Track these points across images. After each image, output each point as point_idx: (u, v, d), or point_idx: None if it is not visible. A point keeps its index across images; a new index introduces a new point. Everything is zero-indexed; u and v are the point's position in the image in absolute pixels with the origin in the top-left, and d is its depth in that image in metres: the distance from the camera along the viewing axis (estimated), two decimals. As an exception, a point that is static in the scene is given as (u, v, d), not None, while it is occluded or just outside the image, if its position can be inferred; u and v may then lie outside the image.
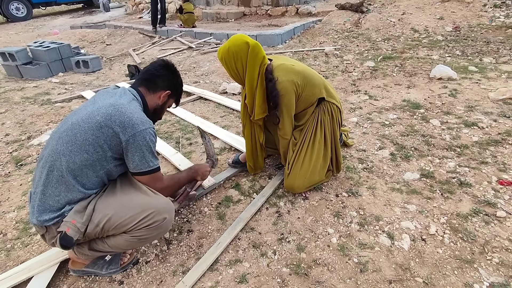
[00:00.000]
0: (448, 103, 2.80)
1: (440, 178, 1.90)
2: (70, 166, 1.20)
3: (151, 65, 1.49)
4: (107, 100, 1.29)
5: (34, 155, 2.49)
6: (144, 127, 1.26)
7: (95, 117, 1.22)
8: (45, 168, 1.22)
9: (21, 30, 9.50)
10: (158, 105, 1.48)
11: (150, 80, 1.44)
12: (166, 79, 1.47)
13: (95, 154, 1.22)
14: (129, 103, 1.30)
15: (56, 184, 1.21)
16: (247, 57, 1.56)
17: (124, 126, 1.22)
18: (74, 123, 1.24)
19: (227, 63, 1.61)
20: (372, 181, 1.91)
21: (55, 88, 4.09)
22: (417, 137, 2.33)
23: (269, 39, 5.24)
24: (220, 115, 2.92)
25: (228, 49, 1.57)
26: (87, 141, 1.21)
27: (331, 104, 1.77)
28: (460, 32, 4.94)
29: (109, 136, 1.21)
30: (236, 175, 2.06)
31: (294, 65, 1.66)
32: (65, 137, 1.23)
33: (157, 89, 1.44)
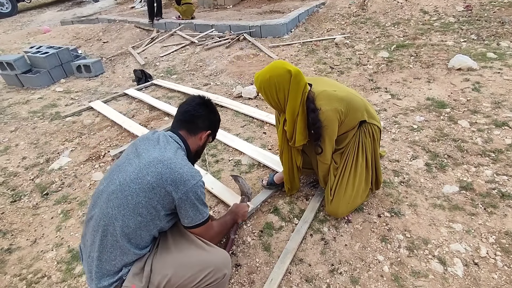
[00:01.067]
0: (474, 100, 2.74)
1: (480, 190, 1.89)
2: (124, 230, 1.16)
3: (189, 105, 1.41)
4: (152, 154, 1.23)
5: (57, 182, 2.44)
6: (195, 181, 1.21)
7: (145, 177, 1.17)
8: (98, 232, 1.17)
9: (8, 28, 9.11)
10: (200, 146, 1.44)
11: (191, 121, 1.39)
12: (206, 118, 1.42)
13: (149, 216, 1.18)
14: (176, 155, 1.25)
15: (111, 249, 1.17)
16: (289, 86, 1.49)
17: (176, 184, 1.17)
18: (123, 183, 1.18)
19: (267, 92, 1.53)
20: (412, 197, 1.89)
21: (61, 98, 3.96)
22: (449, 142, 2.30)
23: (274, 30, 5.05)
24: (241, 125, 2.85)
25: (268, 78, 1.48)
26: (140, 204, 1.16)
27: (372, 126, 1.71)
28: (472, 12, 4.78)
29: (161, 196, 1.17)
30: (272, 196, 2.04)
31: (336, 90, 1.58)
32: (115, 199, 1.17)
33: (198, 130, 1.40)
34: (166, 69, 4.55)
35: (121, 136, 2.92)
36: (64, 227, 2.01)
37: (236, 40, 5.03)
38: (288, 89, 1.50)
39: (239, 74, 3.93)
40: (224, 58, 4.52)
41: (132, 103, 3.59)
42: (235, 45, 4.92)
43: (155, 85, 4.00)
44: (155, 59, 4.96)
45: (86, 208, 2.13)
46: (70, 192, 2.31)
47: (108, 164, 2.54)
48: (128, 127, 2.93)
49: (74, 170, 2.55)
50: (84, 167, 2.57)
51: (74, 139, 2.98)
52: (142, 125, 3.03)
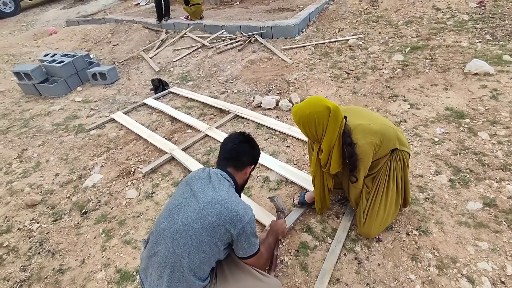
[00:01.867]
0: (492, 109, 2.80)
1: (503, 206, 1.98)
2: (190, 266, 1.28)
3: (233, 143, 1.54)
4: (208, 193, 1.35)
5: (93, 200, 2.56)
6: (248, 216, 1.34)
7: (206, 217, 1.29)
8: (166, 269, 1.29)
9: (14, 29, 9.10)
10: (245, 180, 1.60)
11: (237, 159, 1.52)
12: (250, 155, 1.57)
13: (211, 252, 1.30)
14: (229, 193, 1.37)
15: (177, 282, 1.29)
16: (328, 122, 1.57)
17: (234, 222, 1.30)
18: (185, 223, 1.30)
19: (305, 126, 1.61)
20: (438, 214, 2.00)
21: (81, 109, 4.05)
22: (470, 156, 2.38)
23: (285, 30, 5.05)
24: (264, 138, 2.94)
25: (308, 114, 1.56)
26: (203, 242, 1.28)
27: (403, 152, 1.79)
28: (485, 8, 4.75)
29: (221, 233, 1.30)
30: (303, 214, 2.15)
31: (371, 124, 1.66)
32: (180, 239, 1.29)
33: (243, 167, 1.54)
34: (180, 75, 4.60)
35: (148, 151, 3.03)
36: (109, 247, 2.14)
37: (248, 42, 5.05)
38: (327, 124, 1.58)
39: (255, 81, 3.98)
40: (237, 62, 4.56)
41: (152, 114, 3.67)
42: (247, 48, 4.94)
43: (172, 93, 4.07)
44: (168, 64, 5.00)
45: (126, 227, 2.26)
46: (108, 211, 2.43)
47: (141, 182, 2.66)
48: (154, 142, 3.03)
49: (107, 187, 2.66)
50: (117, 184, 2.69)
51: (102, 154, 3.09)
52: (167, 139, 3.12)
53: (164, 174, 2.70)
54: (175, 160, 2.80)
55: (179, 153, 2.81)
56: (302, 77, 3.90)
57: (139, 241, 2.14)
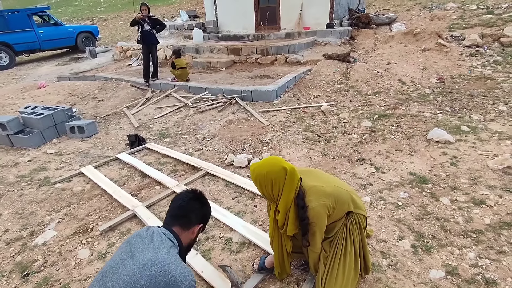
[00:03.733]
0: (452, 175, 2.91)
1: (465, 275, 1.93)
2: None
3: (183, 200, 1.48)
4: (146, 255, 1.26)
5: (40, 260, 2.35)
6: (187, 281, 1.23)
7: (139, 281, 1.18)
8: None
9: (4, 81, 9.31)
10: (192, 240, 1.49)
11: (184, 216, 1.45)
12: (200, 212, 1.49)
13: None
14: (169, 255, 1.27)
15: None
16: (284, 183, 1.58)
17: (169, 287, 1.18)
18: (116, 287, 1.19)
19: (262, 185, 1.62)
20: (400, 283, 1.91)
21: (51, 161, 3.97)
22: (432, 221, 2.38)
23: (264, 95, 5.36)
24: (232, 197, 2.90)
25: (265, 174, 1.58)
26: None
27: (358, 215, 1.79)
28: (444, 84, 5.25)
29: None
30: (263, 281, 2.01)
31: (325, 185, 1.68)
32: None
33: (191, 225, 1.46)
34: (159, 131, 4.68)
35: (111, 207, 2.91)
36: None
37: (229, 104, 5.30)
38: (283, 185, 1.59)
39: (231, 140, 4.08)
40: (216, 122, 4.71)
41: (124, 169, 3.62)
42: (227, 109, 5.17)
43: (148, 149, 4.08)
44: (149, 121, 5.12)
45: (68, 293, 2.04)
46: (53, 273, 2.22)
47: (96, 240, 2.49)
48: (118, 197, 2.93)
49: (59, 246, 2.48)
50: (70, 242, 2.51)
51: (62, 209, 2.94)
52: (133, 195, 3.03)
53: (123, 232, 2.56)
54: (136, 217, 2.68)
55: (142, 210, 2.70)
56: (276, 138, 4.02)
57: None
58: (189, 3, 18.78)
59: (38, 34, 11.24)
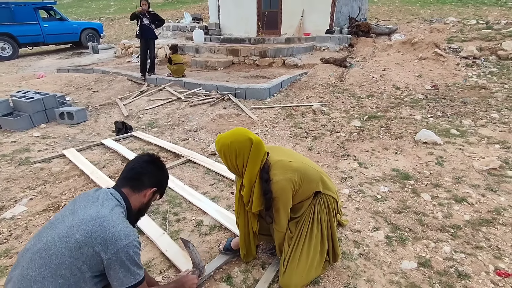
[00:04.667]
0: (436, 173, 2.85)
1: (438, 267, 1.85)
2: None
3: (136, 162, 1.43)
4: (87, 211, 1.20)
5: (5, 232, 2.28)
6: (127, 240, 1.16)
7: (74, 235, 1.12)
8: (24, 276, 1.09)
9: (4, 71, 9.36)
10: (143, 204, 1.42)
11: (136, 179, 1.38)
12: (153, 176, 1.42)
13: (72, 278, 1.10)
14: (111, 213, 1.21)
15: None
16: (249, 154, 1.53)
17: (106, 244, 1.12)
18: (50, 241, 1.13)
19: (227, 157, 1.56)
20: (370, 272, 1.84)
21: (36, 143, 3.93)
22: (410, 215, 2.32)
23: (257, 93, 5.35)
24: (210, 183, 2.84)
25: (230, 143, 1.52)
26: (64, 265, 1.09)
27: (327, 197, 1.73)
28: (438, 91, 5.23)
29: (88, 256, 1.11)
30: (228, 263, 1.94)
31: (292, 161, 1.63)
32: (38, 259, 1.10)
33: (142, 188, 1.39)
34: (148, 121, 4.65)
35: (87, 187, 2.85)
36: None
37: (221, 100, 5.28)
38: (248, 156, 1.53)
39: (218, 132, 4.04)
40: (206, 115, 4.68)
41: (106, 153, 3.57)
42: (219, 104, 5.14)
43: (134, 137, 4.04)
44: (140, 111, 5.09)
45: (27, 264, 1.97)
46: (15, 246, 2.15)
47: (64, 216, 2.43)
48: (95, 178, 2.87)
49: (27, 221, 2.41)
50: (39, 218, 2.44)
51: (37, 187, 2.88)
52: (111, 177, 2.97)
53: (94, 211, 2.49)
54: (110, 197, 2.62)
55: (116, 191, 2.64)
56: (264, 132, 3.98)
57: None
58: (195, 8, 19.03)
59: (42, 28, 11.36)
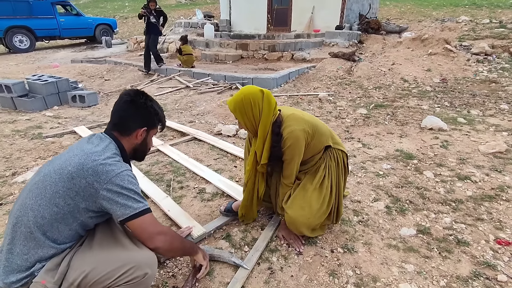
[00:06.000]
0: (440, 155, 2.84)
1: (437, 235, 1.85)
2: (38, 221, 1.11)
3: (118, 104, 1.32)
4: (82, 147, 1.21)
5: (16, 194, 2.38)
6: (119, 170, 1.16)
7: (67, 167, 1.14)
8: (10, 223, 1.14)
9: (21, 62, 9.66)
10: (138, 145, 1.36)
11: (120, 123, 1.30)
12: (137, 117, 1.31)
13: (66, 207, 1.13)
14: (105, 149, 1.21)
15: (24, 241, 1.11)
16: (262, 103, 1.58)
17: (98, 174, 1.12)
18: (46, 174, 1.17)
19: (242, 111, 1.58)
20: (368, 236, 1.85)
21: (48, 122, 4.05)
22: (412, 189, 2.32)
23: (265, 83, 5.40)
24: (214, 158, 2.89)
25: (243, 97, 1.56)
26: (57, 194, 1.12)
27: (337, 151, 1.76)
28: (447, 84, 5.19)
29: (82, 187, 1.12)
30: (228, 224, 1.98)
31: (303, 115, 1.68)
32: (35, 189, 1.15)
33: (130, 131, 1.31)
34: (157, 106, 4.74)
35: (95, 158, 2.93)
36: (6, 236, 1.90)
37: (229, 88, 5.35)
38: (262, 106, 1.58)
39: (224, 116, 4.10)
40: (213, 102, 4.75)
41: (115, 131, 3.66)
42: (226, 92, 5.21)
43: (142, 119, 4.12)
44: (149, 97, 5.19)
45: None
46: (25, 204, 2.23)
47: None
48: (103, 150, 2.96)
49: (37, 185, 2.50)
50: (48, 183, 2.53)
51: (48, 157, 2.98)
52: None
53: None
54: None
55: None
56: (269, 117, 4.02)
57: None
58: (207, 8, 19.27)
59: (59, 22, 11.69)
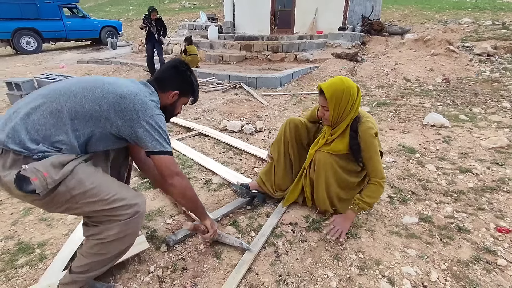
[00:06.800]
0: (442, 149, 2.88)
1: (439, 223, 1.90)
2: (75, 107, 1.16)
3: (165, 65, 1.55)
4: (135, 82, 1.39)
5: (28, 184, 2.45)
6: (161, 114, 1.33)
7: (122, 88, 1.26)
8: (45, 97, 1.16)
9: (29, 62, 9.83)
10: (169, 104, 1.51)
11: (160, 80, 1.49)
12: (174, 80, 1.49)
13: (105, 113, 1.20)
14: (152, 94, 1.39)
15: (47, 115, 1.13)
16: (357, 99, 1.69)
17: (145, 107, 1.26)
18: (98, 79, 1.29)
19: (338, 100, 1.65)
20: (371, 223, 1.90)
21: (57, 119, 4.14)
22: (414, 181, 2.36)
23: (269, 82, 5.47)
24: (220, 151, 2.95)
25: (345, 89, 1.64)
26: (105, 99, 1.20)
27: None
28: (449, 83, 5.23)
29: (127, 109, 1.22)
30: (234, 212, 2.04)
31: None
32: (85, 84, 1.23)
33: (166, 89, 1.48)
34: (162, 104, 4.82)
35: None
36: (21, 222, 1.98)
37: (233, 87, 5.42)
38: (356, 101, 1.69)
39: (229, 113, 4.17)
40: (218, 100, 4.83)
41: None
42: (231, 91, 5.29)
43: (149, 116, 4.21)
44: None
45: (48, 207, 2.12)
46: (38, 193, 2.31)
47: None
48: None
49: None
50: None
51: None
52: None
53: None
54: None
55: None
56: (273, 115, 4.09)
57: (56, 219, 2.00)
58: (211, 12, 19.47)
59: (65, 24, 11.88)
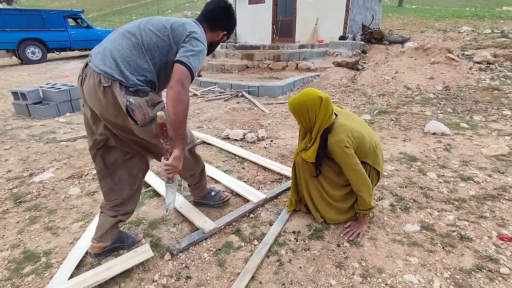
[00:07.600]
0: (443, 157, 2.90)
1: (440, 231, 1.91)
2: (147, 40, 1.40)
3: (214, 5, 1.64)
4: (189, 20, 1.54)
5: (34, 192, 2.48)
6: (201, 33, 1.50)
7: (178, 21, 1.49)
8: (124, 35, 1.42)
9: (33, 72, 9.95)
10: (215, 42, 1.69)
11: (212, 20, 1.63)
12: (226, 21, 1.67)
13: (167, 39, 1.43)
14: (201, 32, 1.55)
15: (131, 47, 1.39)
16: (319, 109, 1.71)
17: (193, 28, 1.48)
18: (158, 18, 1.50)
19: (299, 114, 1.75)
20: (373, 232, 1.91)
21: (61, 128, 4.20)
22: (415, 189, 2.38)
23: (270, 90, 5.53)
24: (222, 160, 2.98)
25: (302, 102, 1.71)
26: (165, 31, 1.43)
27: (372, 169, 1.89)
28: (450, 91, 5.27)
29: (179, 33, 1.44)
30: (237, 220, 2.06)
31: (354, 129, 1.76)
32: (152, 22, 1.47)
33: (217, 29, 1.65)
34: (165, 113, 4.88)
35: (108, 161, 3.04)
36: (27, 231, 2.00)
37: (235, 96, 5.48)
38: (318, 112, 1.71)
39: (231, 121, 4.21)
40: (221, 108, 4.88)
41: (126, 136, 3.78)
42: (233, 100, 5.35)
43: (152, 124, 4.25)
44: (158, 105, 5.34)
45: (54, 216, 2.15)
46: (43, 202, 2.34)
47: (88, 182, 2.62)
48: (116, 152, 3.07)
49: (53, 185, 2.61)
50: (64, 183, 2.64)
51: (63, 160, 3.10)
52: (130, 153, 3.17)
53: (114, 179, 2.67)
54: (129, 168, 2.80)
55: (135, 163, 2.82)
56: (275, 123, 4.13)
57: (62, 228, 2.02)
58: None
59: (70, 35, 12.06)
